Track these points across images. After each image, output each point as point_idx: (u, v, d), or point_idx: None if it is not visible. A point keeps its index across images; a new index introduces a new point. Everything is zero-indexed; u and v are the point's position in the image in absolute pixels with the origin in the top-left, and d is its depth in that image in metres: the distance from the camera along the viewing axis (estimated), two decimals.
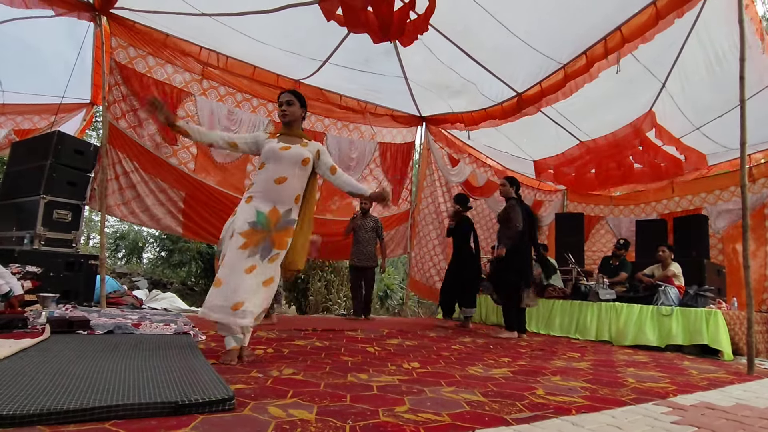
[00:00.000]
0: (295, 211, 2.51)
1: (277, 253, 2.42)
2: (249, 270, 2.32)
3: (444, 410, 1.63)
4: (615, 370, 2.93)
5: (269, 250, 2.40)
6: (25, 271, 3.72)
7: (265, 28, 4.63)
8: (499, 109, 5.48)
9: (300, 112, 2.64)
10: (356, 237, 5.73)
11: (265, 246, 2.39)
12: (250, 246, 2.35)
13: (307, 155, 2.53)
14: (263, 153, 2.55)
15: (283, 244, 2.44)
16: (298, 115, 2.64)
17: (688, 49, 4.44)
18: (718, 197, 6.90)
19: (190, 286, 11.02)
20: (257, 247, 2.37)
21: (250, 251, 2.35)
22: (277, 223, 2.43)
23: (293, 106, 2.61)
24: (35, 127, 5.99)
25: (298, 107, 2.62)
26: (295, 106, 2.61)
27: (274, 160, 2.49)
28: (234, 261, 2.32)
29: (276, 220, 2.43)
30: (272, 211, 2.43)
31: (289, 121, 2.62)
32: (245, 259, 2.33)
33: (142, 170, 4.92)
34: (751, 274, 3.18)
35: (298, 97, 2.64)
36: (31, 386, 1.43)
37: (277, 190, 2.46)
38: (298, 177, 2.51)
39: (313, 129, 6.17)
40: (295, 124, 2.64)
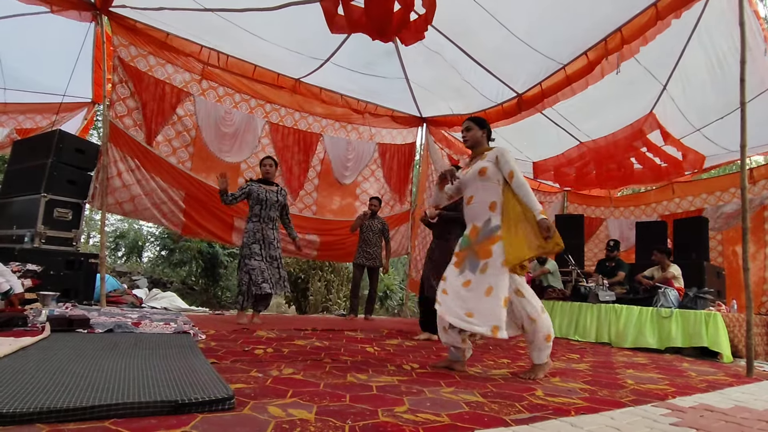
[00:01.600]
0: (495, 219, 2.56)
1: (485, 262, 2.49)
2: (466, 284, 2.52)
3: (443, 411, 1.63)
4: (614, 372, 2.93)
5: (476, 262, 2.53)
6: (26, 269, 3.73)
7: (266, 25, 4.63)
8: (500, 110, 5.48)
9: (480, 134, 2.80)
10: (363, 237, 5.74)
11: (471, 260, 2.55)
12: (460, 264, 2.61)
13: (484, 165, 2.64)
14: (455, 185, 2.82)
15: (486, 252, 2.50)
16: (478, 137, 2.80)
17: (690, 51, 4.44)
18: (718, 198, 6.90)
19: (190, 285, 11.02)
20: (465, 263, 2.58)
21: (461, 268, 2.59)
22: (477, 237, 2.58)
23: (471, 131, 2.80)
24: (37, 127, 6.00)
25: (477, 130, 2.80)
26: (473, 131, 2.80)
27: (464, 187, 2.76)
28: (451, 278, 2.61)
29: (476, 235, 2.60)
30: (472, 229, 2.65)
31: (471, 145, 2.83)
32: (459, 276, 2.57)
33: (143, 168, 4.93)
34: (750, 276, 3.18)
35: (475, 122, 2.82)
36: (31, 384, 1.43)
37: (470, 209, 2.68)
38: (483, 189, 2.63)
39: (310, 130, 6.17)
40: (478, 145, 2.80)
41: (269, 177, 4.41)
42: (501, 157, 2.62)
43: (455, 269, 2.62)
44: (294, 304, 9.87)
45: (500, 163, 2.61)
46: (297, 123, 6.09)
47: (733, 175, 6.91)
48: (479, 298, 2.44)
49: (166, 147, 5.16)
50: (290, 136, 6.04)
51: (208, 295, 10.83)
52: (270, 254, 4.22)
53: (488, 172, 2.61)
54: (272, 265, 4.21)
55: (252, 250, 4.15)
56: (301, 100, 5.98)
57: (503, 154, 2.63)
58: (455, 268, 2.62)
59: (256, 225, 4.22)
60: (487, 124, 2.86)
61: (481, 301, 2.43)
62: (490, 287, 2.44)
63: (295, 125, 6.07)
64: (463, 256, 2.61)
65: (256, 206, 4.24)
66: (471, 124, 2.81)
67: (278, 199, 4.33)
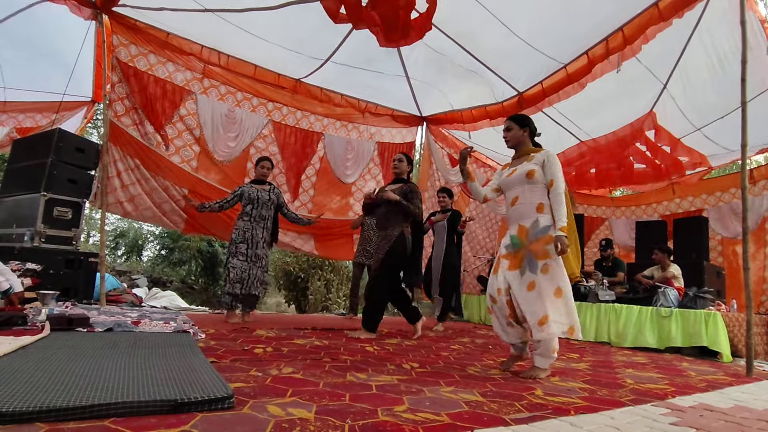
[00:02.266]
0: (544, 219, 2.55)
1: (545, 263, 2.48)
2: (530, 287, 2.49)
3: (443, 410, 1.63)
4: (614, 371, 2.94)
5: (535, 263, 2.50)
6: (25, 268, 3.72)
7: (266, 25, 4.63)
8: (500, 108, 5.48)
9: (521, 133, 2.75)
10: (363, 235, 5.73)
11: (529, 260, 2.52)
12: (518, 266, 2.56)
13: (531, 168, 2.62)
14: (494, 181, 2.84)
15: (544, 253, 2.49)
16: (519, 136, 2.75)
17: (690, 50, 4.44)
18: (719, 199, 6.90)
19: (190, 285, 11.02)
20: (524, 264, 2.53)
21: (521, 270, 2.54)
22: (528, 237, 2.56)
23: (512, 131, 2.76)
24: (37, 125, 6.00)
25: (517, 129, 2.75)
26: (513, 130, 2.75)
27: (507, 188, 2.74)
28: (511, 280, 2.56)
29: (526, 236, 2.57)
30: (520, 229, 2.62)
31: (512, 145, 2.79)
32: (522, 278, 2.53)
33: (143, 167, 4.93)
34: (750, 276, 3.18)
35: (515, 120, 2.78)
36: (31, 383, 1.43)
37: (516, 210, 2.65)
38: (529, 191, 2.62)
39: (312, 129, 6.18)
40: (520, 145, 2.77)
41: (264, 178, 4.46)
42: (548, 161, 2.61)
43: (514, 271, 2.57)
44: (294, 303, 9.88)
45: (546, 166, 2.60)
46: (299, 122, 6.09)
47: (734, 175, 6.91)
48: (550, 300, 2.44)
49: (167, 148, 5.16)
50: (293, 135, 6.04)
51: (207, 294, 10.84)
52: (256, 253, 4.24)
53: (536, 175, 2.60)
54: (255, 265, 4.23)
55: (238, 249, 4.22)
56: (302, 99, 5.98)
57: (550, 159, 2.62)
58: (512, 270, 2.58)
59: (246, 224, 4.25)
60: (530, 122, 2.78)
61: (553, 302, 2.44)
62: (558, 288, 2.46)
63: (297, 124, 6.07)
64: (520, 257, 2.57)
65: (248, 205, 4.29)
66: (511, 123, 2.77)
67: (270, 198, 4.35)
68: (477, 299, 6.60)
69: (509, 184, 2.71)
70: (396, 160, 4.02)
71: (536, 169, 2.60)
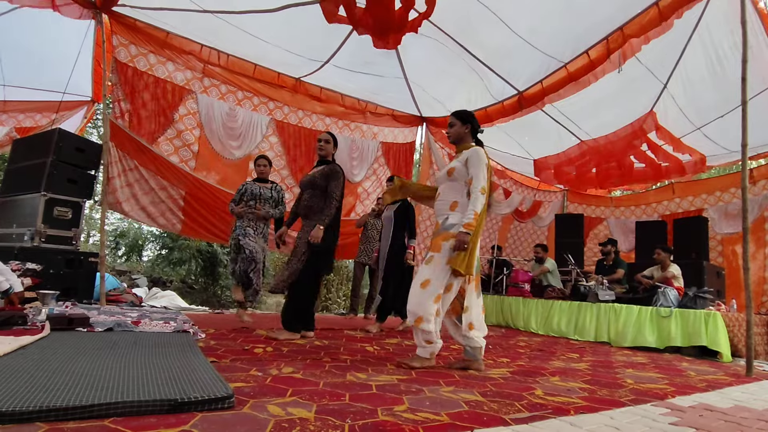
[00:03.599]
0: (453, 218, 2.58)
1: (432, 255, 2.54)
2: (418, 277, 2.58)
3: (443, 410, 1.63)
4: (614, 371, 2.94)
5: (427, 254, 2.60)
6: (26, 268, 3.72)
7: (266, 27, 4.63)
8: (500, 107, 5.48)
9: (463, 129, 2.74)
10: (366, 235, 5.73)
11: (427, 253, 2.61)
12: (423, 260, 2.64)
13: (452, 166, 2.65)
14: None
15: (436, 246, 2.55)
16: (461, 132, 2.74)
17: (691, 49, 4.44)
18: (718, 198, 6.90)
19: (190, 285, 11.03)
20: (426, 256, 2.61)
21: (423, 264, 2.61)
22: (437, 231, 2.63)
23: (454, 127, 2.76)
24: (37, 125, 6.00)
25: (459, 125, 2.75)
26: (455, 126, 2.75)
27: (438, 184, 2.78)
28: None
29: (437, 230, 2.64)
30: (436, 224, 2.69)
31: (453, 140, 2.79)
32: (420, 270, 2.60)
33: (142, 168, 4.93)
34: (750, 276, 3.18)
35: (458, 117, 2.76)
36: (31, 383, 1.43)
37: (436, 206, 2.72)
38: (449, 188, 2.65)
39: (315, 128, 6.18)
40: (460, 141, 2.76)
41: (263, 176, 4.48)
42: (470, 158, 2.58)
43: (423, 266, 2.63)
44: None
45: (468, 164, 2.58)
46: (301, 121, 6.09)
47: (734, 174, 6.91)
48: (415, 288, 2.52)
49: (167, 145, 5.16)
50: (295, 134, 6.05)
51: (207, 294, 10.84)
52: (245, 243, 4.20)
53: (455, 173, 2.61)
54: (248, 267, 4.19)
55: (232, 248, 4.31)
56: (302, 98, 5.98)
57: (473, 156, 2.58)
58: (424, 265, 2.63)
59: (241, 222, 4.26)
60: (472, 119, 2.76)
61: (416, 291, 2.51)
62: (427, 280, 2.49)
63: (299, 122, 6.07)
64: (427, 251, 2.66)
65: (251, 201, 4.30)
66: (453, 119, 2.76)
67: (272, 195, 4.37)
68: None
69: (438, 180, 2.78)
70: (321, 141, 3.66)
71: (456, 167, 2.61)
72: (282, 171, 5.93)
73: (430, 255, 2.55)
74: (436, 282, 2.48)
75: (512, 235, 8.61)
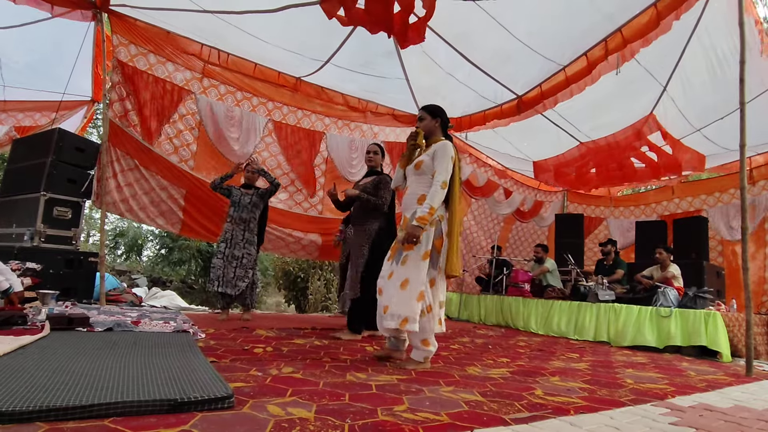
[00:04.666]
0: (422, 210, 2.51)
1: (406, 254, 2.49)
2: (389, 276, 2.54)
3: (442, 410, 1.63)
4: (613, 371, 2.94)
5: (401, 253, 2.52)
6: (25, 267, 3.72)
7: (266, 27, 4.62)
8: (498, 111, 5.47)
9: (433, 123, 2.73)
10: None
11: (399, 251, 2.54)
12: (392, 256, 2.59)
13: (421, 159, 2.62)
14: None
15: (408, 245, 2.49)
16: (431, 126, 2.73)
17: (690, 51, 4.44)
18: (718, 199, 6.91)
19: (190, 284, 11.03)
20: (395, 255, 2.57)
21: (392, 260, 2.57)
22: (404, 227, 2.57)
23: (424, 121, 2.74)
24: (36, 124, 5.99)
25: (429, 119, 2.74)
26: (425, 120, 2.74)
27: (408, 177, 2.73)
28: (383, 272, 2.61)
29: (404, 225, 2.59)
30: (404, 220, 2.64)
31: (425, 135, 2.73)
32: (388, 268, 2.57)
33: (142, 167, 4.93)
34: (750, 276, 3.18)
35: (428, 111, 2.76)
36: (31, 383, 1.43)
37: (404, 200, 2.68)
38: (417, 182, 2.63)
39: (313, 128, 6.18)
40: (431, 135, 2.74)
41: (250, 182, 4.59)
42: (437, 152, 2.58)
43: (387, 262, 2.62)
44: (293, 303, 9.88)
45: (435, 157, 2.57)
46: (300, 121, 6.08)
47: (733, 175, 6.91)
48: (395, 291, 2.46)
49: (168, 145, 5.16)
50: (294, 135, 6.04)
51: (207, 294, 10.83)
52: (233, 253, 4.34)
53: (423, 166, 2.60)
54: (231, 264, 4.32)
55: (219, 248, 4.40)
56: (302, 98, 5.98)
57: (439, 150, 2.57)
58: (387, 261, 2.63)
59: (228, 225, 4.41)
60: (442, 113, 2.76)
61: (397, 294, 2.45)
62: (406, 279, 2.45)
63: (297, 123, 6.07)
64: (395, 249, 2.60)
65: (231, 208, 4.43)
66: (423, 113, 2.76)
67: (252, 200, 4.44)
68: (476, 299, 6.60)
69: (408, 173, 2.73)
70: (371, 152, 3.87)
71: (425, 161, 2.60)
72: (276, 171, 5.93)
73: (404, 255, 2.48)
74: (416, 280, 2.44)
75: (513, 235, 8.62)
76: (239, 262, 4.33)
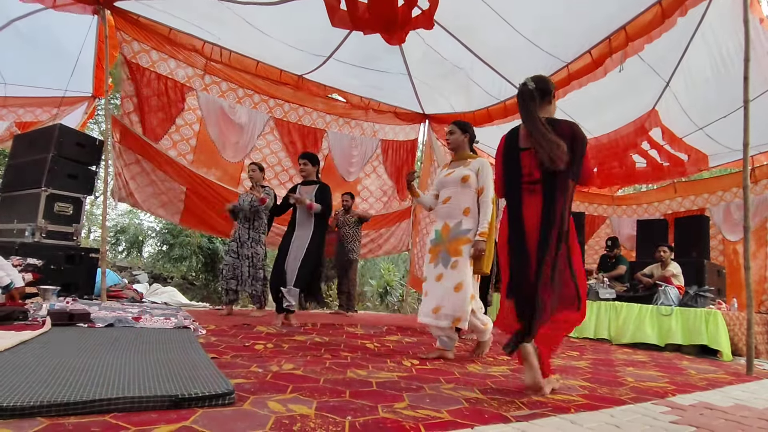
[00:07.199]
0: (467, 222, 2.81)
1: (455, 260, 2.75)
2: (438, 278, 2.78)
3: (443, 407, 1.63)
4: (614, 369, 2.94)
5: (448, 258, 2.77)
6: (26, 263, 3.73)
7: (268, 21, 4.61)
8: (502, 107, 5.46)
9: (462, 138, 2.98)
10: (340, 233, 5.83)
11: (443, 255, 2.80)
12: (434, 259, 2.84)
13: (466, 173, 2.86)
14: (435, 185, 3.04)
15: (457, 251, 2.76)
16: (460, 140, 2.98)
17: (693, 48, 4.41)
18: (720, 198, 6.88)
19: (191, 281, 11.04)
20: (439, 258, 2.82)
21: (435, 263, 2.83)
22: (449, 235, 2.82)
23: (454, 135, 2.98)
24: (37, 120, 5.98)
25: (459, 134, 2.97)
26: (456, 134, 2.98)
27: (442, 187, 2.96)
28: (428, 273, 2.86)
29: (447, 233, 2.83)
30: (444, 227, 2.87)
31: (452, 147, 3.02)
32: (434, 270, 2.82)
33: (144, 161, 4.95)
34: (751, 275, 3.17)
35: (458, 126, 2.99)
36: (32, 378, 1.43)
37: (445, 208, 2.89)
38: (461, 193, 2.85)
39: (314, 126, 6.17)
40: (459, 148, 2.99)
41: (253, 182, 4.63)
42: (482, 171, 2.86)
43: (430, 264, 2.87)
44: None
45: (480, 174, 2.85)
46: (301, 119, 6.08)
47: (735, 174, 6.89)
48: (449, 293, 2.72)
49: (166, 141, 5.17)
50: (295, 132, 6.04)
51: (208, 290, 10.86)
52: (243, 252, 4.48)
53: (469, 181, 2.85)
54: (243, 264, 4.45)
55: (230, 247, 4.55)
56: (304, 96, 5.97)
57: (484, 167, 2.86)
58: (430, 263, 2.88)
59: (237, 225, 4.56)
60: (471, 129, 3.02)
61: (451, 295, 2.71)
62: (460, 283, 2.72)
63: (299, 120, 6.07)
64: (437, 252, 2.85)
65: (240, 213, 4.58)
66: (454, 127, 2.99)
67: (248, 200, 4.51)
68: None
69: (445, 183, 2.94)
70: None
71: (471, 175, 2.85)
72: (275, 167, 5.93)
73: (453, 260, 2.74)
74: (468, 283, 2.72)
75: None
76: (250, 261, 4.47)
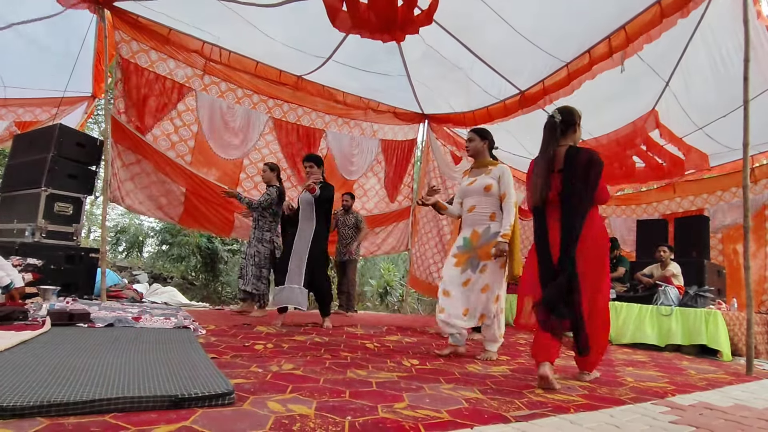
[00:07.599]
0: (495, 226, 2.91)
1: (485, 264, 2.87)
2: (465, 283, 2.90)
3: (443, 407, 1.63)
4: (614, 369, 2.94)
5: (477, 263, 2.89)
6: (26, 263, 3.73)
7: (268, 22, 4.61)
8: (501, 106, 5.46)
9: (481, 145, 3.03)
10: (340, 233, 5.84)
11: (473, 261, 2.91)
12: (462, 264, 2.93)
13: (489, 182, 2.94)
14: (457, 193, 3.14)
15: (488, 255, 2.86)
16: (480, 147, 3.03)
17: (693, 48, 4.41)
18: (719, 198, 6.88)
19: (190, 281, 11.03)
20: (467, 263, 2.92)
21: (463, 268, 2.92)
22: (479, 241, 2.92)
23: (473, 142, 3.04)
24: (36, 120, 5.98)
25: (478, 141, 3.03)
26: (475, 142, 3.03)
27: (465, 196, 3.05)
28: (452, 278, 2.93)
29: (477, 239, 2.93)
30: (473, 233, 2.97)
31: (472, 154, 3.08)
32: (461, 275, 2.91)
33: (143, 161, 4.95)
34: (751, 275, 3.17)
35: (477, 133, 3.05)
36: (32, 378, 1.43)
37: (472, 216, 2.98)
38: (486, 201, 2.95)
39: (314, 126, 6.17)
40: (479, 155, 3.05)
41: (264, 181, 4.67)
42: (503, 177, 2.95)
43: (457, 268, 2.93)
44: None
45: (501, 181, 2.94)
46: (300, 119, 6.08)
47: (735, 174, 6.89)
48: (476, 295, 2.85)
49: (164, 141, 5.16)
50: (294, 132, 6.04)
51: (208, 290, 10.85)
52: (248, 252, 4.58)
53: (492, 189, 2.93)
54: (248, 263, 4.54)
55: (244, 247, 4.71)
56: (303, 96, 5.97)
57: (505, 174, 2.95)
58: (457, 267, 2.94)
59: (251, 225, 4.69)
60: (490, 135, 3.07)
61: (478, 297, 2.85)
62: (486, 285, 2.85)
63: (298, 121, 6.06)
64: (465, 258, 2.93)
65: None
66: (474, 135, 3.04)
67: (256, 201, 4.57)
68: None
69: (468, 192, 3.02)
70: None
71: (493, 184, 2.94)
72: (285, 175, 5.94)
73: (483, 264, 2.87)
74: (495, 286, 2.85)
75: None
76: (253, 260, 4.50)
